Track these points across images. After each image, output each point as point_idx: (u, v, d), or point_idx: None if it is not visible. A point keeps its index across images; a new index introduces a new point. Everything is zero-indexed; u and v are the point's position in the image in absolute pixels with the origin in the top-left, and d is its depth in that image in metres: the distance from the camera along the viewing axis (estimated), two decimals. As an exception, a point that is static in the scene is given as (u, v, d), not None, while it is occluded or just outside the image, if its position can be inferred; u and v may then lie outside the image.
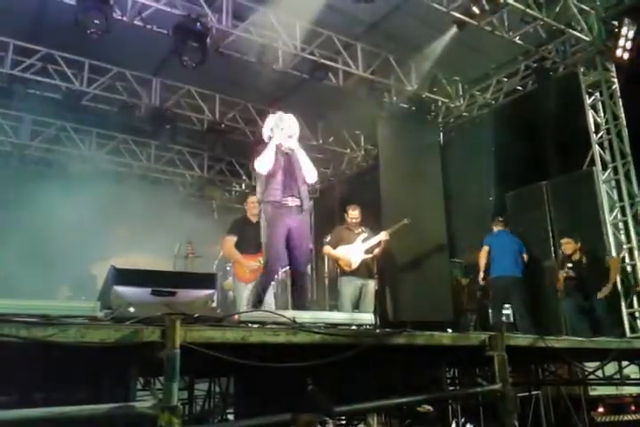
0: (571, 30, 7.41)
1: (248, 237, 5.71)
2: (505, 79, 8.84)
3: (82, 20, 6.12)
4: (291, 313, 2.69)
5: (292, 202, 4.14)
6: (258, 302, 3.91)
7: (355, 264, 5.99)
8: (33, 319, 1.86)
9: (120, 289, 2.35)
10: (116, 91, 8.61)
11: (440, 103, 9.39)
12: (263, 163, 4.22)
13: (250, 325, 2.50)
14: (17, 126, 9.40)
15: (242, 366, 2.27)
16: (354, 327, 3.08)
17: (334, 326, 2.90)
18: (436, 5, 6.84)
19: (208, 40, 6.89)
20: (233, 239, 5.75)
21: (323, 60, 7.89)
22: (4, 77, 7.90)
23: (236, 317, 2.55)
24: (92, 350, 1.93)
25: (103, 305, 2.29)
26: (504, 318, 7.07)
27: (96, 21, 6.14)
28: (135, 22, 6.73)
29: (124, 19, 6.62)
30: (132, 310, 2.31)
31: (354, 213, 6.20)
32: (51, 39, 7.62)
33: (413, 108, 9.00)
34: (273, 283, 6.35)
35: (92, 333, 1.91)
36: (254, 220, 5.86)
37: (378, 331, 3.20)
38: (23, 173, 9.52)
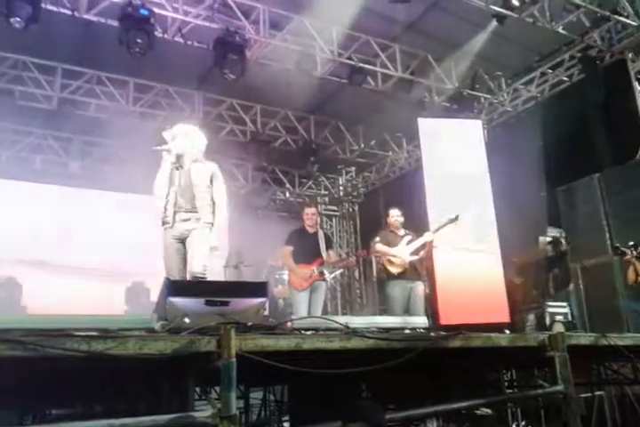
0: (616, 16, 7.16)
1: (304, 247, 5.93)
2: (549, 71, 8.60)
3: (125, 39, 6.32)
4: (343, 319, 2.68)
5: None
6: None
7: (403, 266, 5.95)
8: (93, 333, 1.92)
9: (175, 300, 2.39)
10: (160, 107, 8.85)
11: (483, 100, 9.22)
12: None
13: (303, 332, 2.50)
14: (68, 147, 9.75)
15: (296, 373, 2.27)
16: (407, 331, 3.05)
17: (387, 330, 2.88)
18: (475, 0, 6.74)
19: (247, 51, 7.01)
20: (289, 249, 5.98)
21: (361, 64, 7.88)
22: (54, 101, 8.23)
23: (289, 324, 2.56)
24: (150, 361, 1.96)
25: (159, 317, 2.33)
26: (561, 317, 6.85)
27: (139, 40, 6.31)
28: (176, 39, 6.90)
29: (166, 36, 6.80)
30: (187, 320, 2.34)
31: (393, 212, 6.19)
32: (96, 61, 7.88)
33: (455, 106, 8.87)
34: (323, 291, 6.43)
35: (149, 344, 1.95)
36: (311, 230, 6.07)
37: (432, 334, 3.15)
38: (76, 192, 9.84)
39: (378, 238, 6.27)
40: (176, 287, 2.46)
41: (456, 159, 7.93)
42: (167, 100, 8.86)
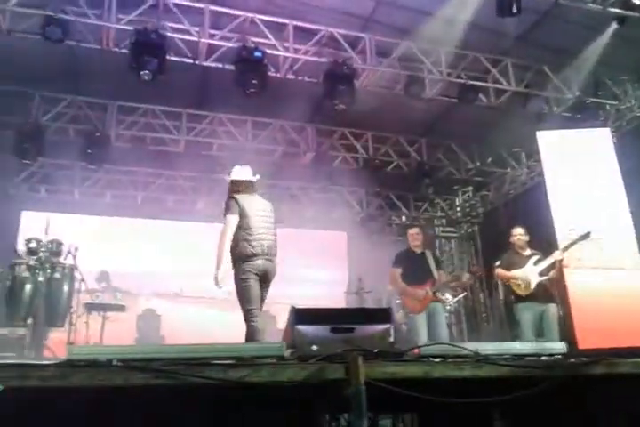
0: None
1: (413, 268, 5.83)
2: (682, 70, 7.90)
3: (241, 81, 6.72)
4: (472, 345, 2.58)
5: None
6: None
7: (530, 288, 5.64)
8: (228, 361, 2.00)
9: (301, 328, 2.44)
10: (275, 142, 9.25)
11: (608, 107, 8.62)
12: None
13: (431, 359, 2.44)
14: (195, 186, 10.42)
15: (424, 401, 2.21)
16: (543, 358, 2.86)
17: (521, 357, 2.72)
18: (590, 5, 6.40)
19: (355, 81, 7.16)
20: (398, 271, 5.91)
21: (471, 82, 7.74)
22: (181, 144, 8.91)
23: (416, 351, 2.51)
24: (281, 388, 2.01)
25: (288, 344, 2.39)
26: None
27: (254, 81, 6.69)
28: (288, 76, 7.22)
29: (278, 75, 7.14)
30: (314, 348, 2.38)
31: (516, 231, 5.93)
32: (216, 103, 8.44)
33: (578, 115, 8.39)
34: (445, 314, 6.25)
35: (281, 372, 1.99)
36: (418, 250, 5.97)
37: (572, 360, 2.93)
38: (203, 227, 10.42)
39: (498, 262, 6.04)
40: (302, 315, 2.52)
41: (583, 171, 7.45)
42: (282, 135, 9.26)
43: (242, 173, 4.82)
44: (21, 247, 6.44)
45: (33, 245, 6.27)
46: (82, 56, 7.05)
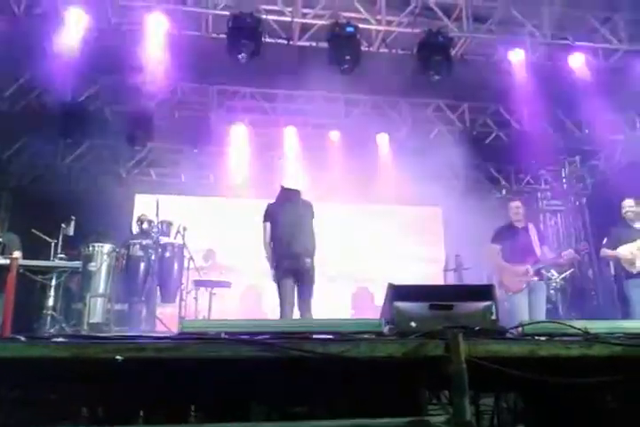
0: None
1: (515, 244, 5.61)
2: None
3: (334, 58, 6.68)
4: (580, 323, 2.46)
5: None
6: None
7: (640, 264, 5.28)
8: (329, 336, 2.06)
9: (400, 305, 2.44)
10: (368, 118, 9.18)
11: None
12: None
13: (536, 337, 2.36)
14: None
15: (528, 382, 2.15)
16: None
17: (635, 335, 2.56)
18: None
19: (452, 50, 6.90)
20: (496, 248, 5.71)
21: (578, 43, 7.21)
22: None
23: (519, 329, 2.44)
24: (380, 363, 2.03)
25: (386, 321, 2.41)
26: None
27: (347, 57, 6.64)
28: (381, 50, 7.08)
29: (371, 49, 7.02)
30: (413, 324, 2.38)
31: (626, 203, 5.54)
32: (310, 82, 8.39)
33: None
34: (551, 291, 5.96)
35: (380, 347, 2.02)
36: (519, 225, 5.73)
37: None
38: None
39: (605, 240, 5.67)
40: (400, 292, 2.51)
41: None
42: (377, 111, 9.16)
43: (287, 181, 5.57)
44: (135, 228, 6.90)
45: (145, 226, 6.70)
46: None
